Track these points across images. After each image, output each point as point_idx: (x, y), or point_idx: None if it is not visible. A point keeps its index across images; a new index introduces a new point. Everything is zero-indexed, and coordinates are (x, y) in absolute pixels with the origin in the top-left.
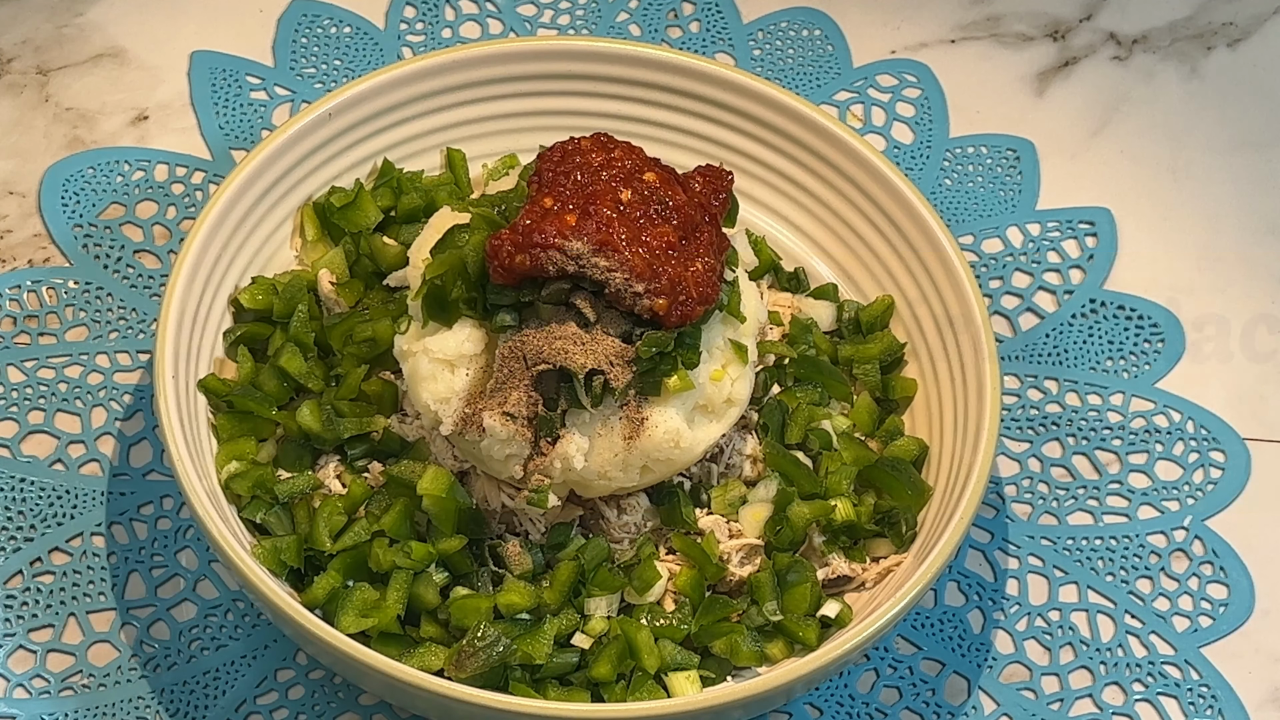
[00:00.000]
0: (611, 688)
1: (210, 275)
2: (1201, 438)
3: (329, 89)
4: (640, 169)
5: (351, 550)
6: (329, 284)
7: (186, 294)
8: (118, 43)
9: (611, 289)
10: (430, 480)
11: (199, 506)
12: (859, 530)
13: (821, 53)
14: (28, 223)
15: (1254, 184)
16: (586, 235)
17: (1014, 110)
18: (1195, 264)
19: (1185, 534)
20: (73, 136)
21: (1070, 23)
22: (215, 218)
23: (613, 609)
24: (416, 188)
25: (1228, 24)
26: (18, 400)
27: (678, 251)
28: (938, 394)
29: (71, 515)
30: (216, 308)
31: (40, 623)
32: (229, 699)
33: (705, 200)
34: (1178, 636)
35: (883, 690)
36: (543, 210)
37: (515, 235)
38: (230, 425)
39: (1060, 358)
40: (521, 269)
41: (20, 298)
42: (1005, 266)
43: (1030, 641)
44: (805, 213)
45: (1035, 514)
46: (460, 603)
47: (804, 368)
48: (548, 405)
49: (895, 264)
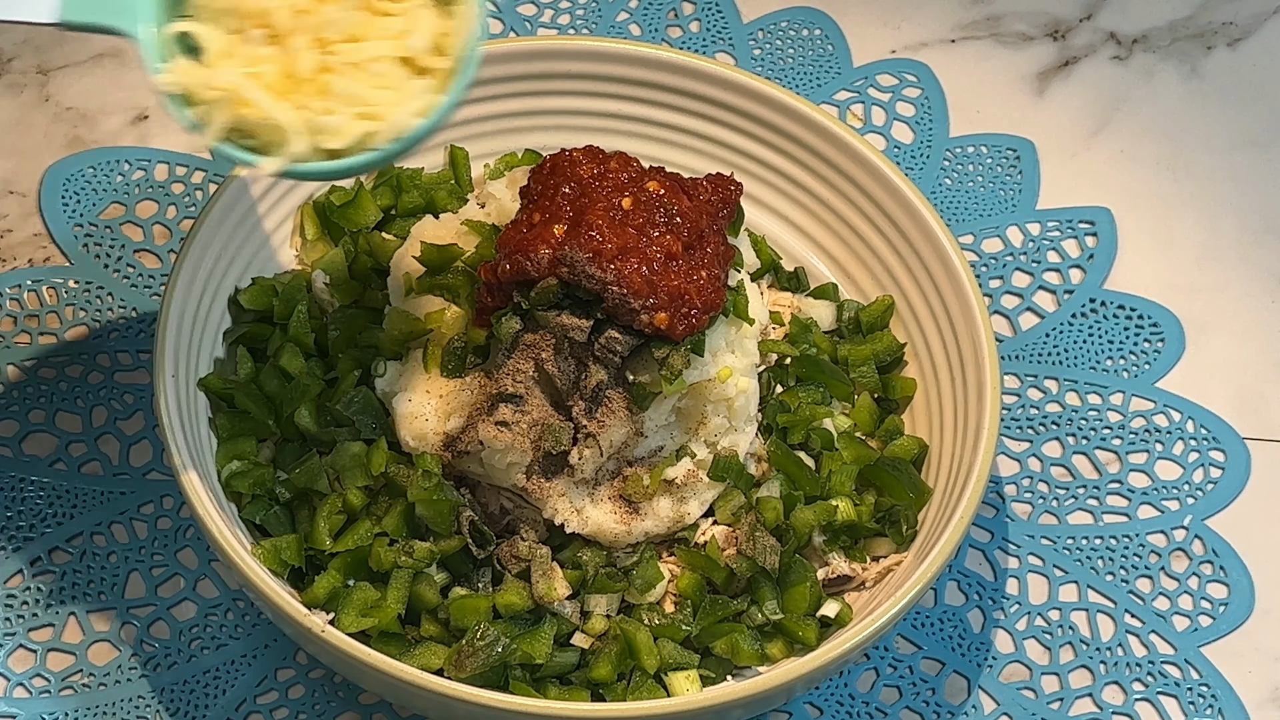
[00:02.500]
0: (611, 687)
1: (210, 275)
2: (1201, 437)
3: None
4: (641, 178)
5: (352, 549)
6: (323, 284)
7: (186, 294)
8: (118, 42)
9: (609, 302)
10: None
11: (199, 506)
12: (860, 530)
13: (821, 52)
14: (28, 222)
15: (1254, 183)
16: (575, 248)
17: (1014, 110)
18: (1195, 263)
19: (1185, 533)
20: (73, 136)
21: (1070, 22)
22: (215, 218)
23: (613, 609)
24: (416, 185)
25: (1228, 24)
26: (18, 399)
27: (681, 261)
28: (938, 394)
29: (71, 514)
30: (216, 308)
31: (40, 622)
32: (229, 698)
33: (714, 209)
34: (1178, 636)
35: (883, 689)
36: (530, 224)
37: (501, 248)
38: (230, 425)
39: (1060, 357)
40: (505, 276)
41: (20, 297)
42: (1005, 266)
43: (1030, 641)
44: (805, 212)
45: (1035, 513)
46: (459, 602)
47: (805, 367)
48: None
49: (895, 264)
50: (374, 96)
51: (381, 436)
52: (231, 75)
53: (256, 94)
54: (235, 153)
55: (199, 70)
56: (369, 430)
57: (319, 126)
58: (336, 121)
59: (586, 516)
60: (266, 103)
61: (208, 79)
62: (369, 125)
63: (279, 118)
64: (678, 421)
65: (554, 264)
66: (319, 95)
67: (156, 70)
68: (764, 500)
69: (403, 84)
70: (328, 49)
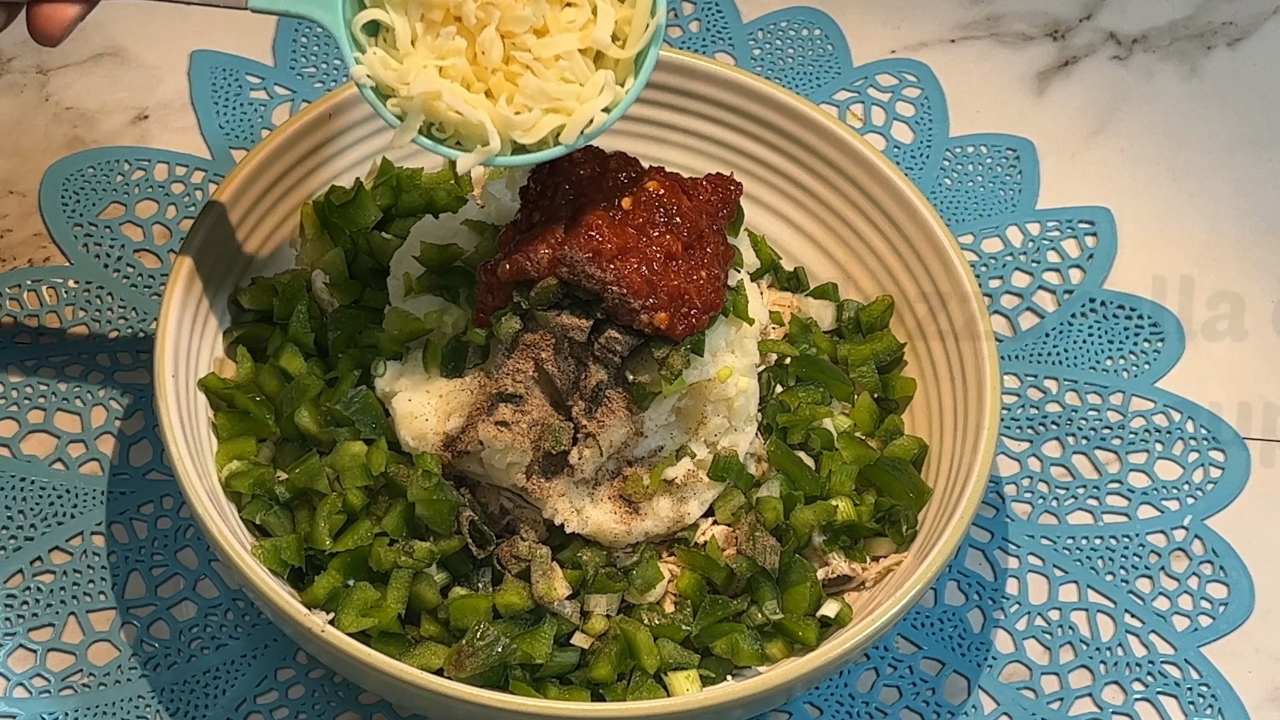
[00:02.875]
0: (611, 687)
1: (210, 275)
2: (1201, 437)
3: (329, 89)
4: (641, 178)
5: (352, 549)
6: (322, 284)
7: (186, 294)
8: (118, 42)
9: (609, 302)
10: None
11: (199, 506)
12: (860, 530)
13: (821, 52)
14: (28, 222)
15: (1254, 183)
16: (575, 248)
17: (1014, 110)
18: (1195, 263)
19: (1185, 533)
20: (73, 136)
21: (1070, 22)
22: (215, 217)
23: (613, 609)
24: (416, 185)
25: (1228, 24)
26: (18, 399)
27: (681, 261)
28: (937, 394)
29: (71, 514)
30: (216, 308)
31: (40, 622)
32: (229, 698)
33: (714, 209)
34: (1178, 636)
35: (883, 689)
36: (530, 224)
37: (501, 248)
38: (230, 424)
39: (1060, 357)
40: (505, 276)
41: (20, 297)
42: (1005, 266)
43: (1030, 641)
44: (805, 212)
45: (1035, 513)
46: (459, 602)
47: (805, 367)
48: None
49: (895, 264)
50: (561, 91)
51: (381, 436)
52: (429, 77)
53: (455, 97)
54: (436, 147)
55: (393, 65)
56: (369, 430)
57: (513, 124)
58: (529, 119)
59: (586, 516)
60: (464, 105)
61: (402, 75)
62: (558, 119)
63: (478, 118)
64: (678, 421)
65: (554, 264)
66: (506, 85)
67: (353, 62)
68: (764, 500)
69: (586, 76)
70: (513, 40)
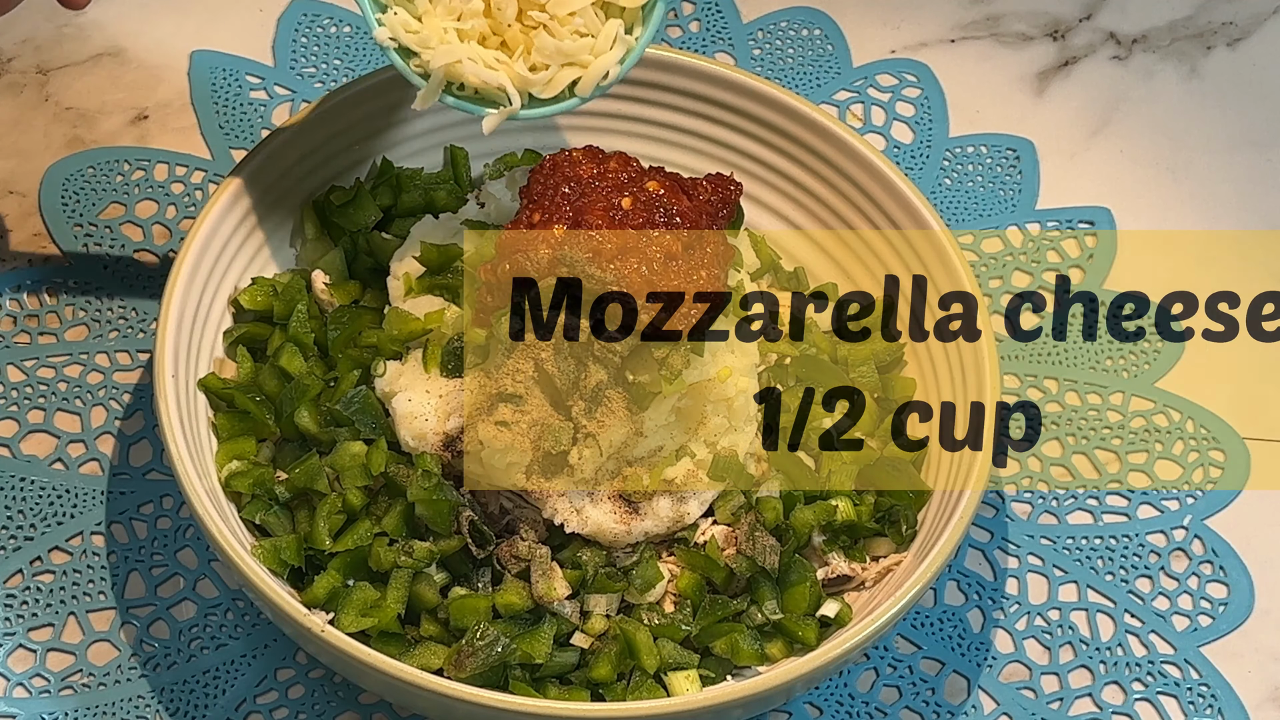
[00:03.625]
0: (611, 687)
1: (210, 275)
2: (1201, 437)
3: (329, 89)
4: (641, 177)
5: (352, 549)
6: (323, 284)
7: (186, 294)
8: (118, 42)
9: (609, 302)
10: (417, 487)
11: (199, 506)
12: (859, 530)
13: (821, 52)
14: (28, 222)
15: (1253, 183)
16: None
17: (1014, 110)
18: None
19: (1185, 533)
20: (73, 136)
21: (1070, 22)
22: (215, 218)
23: (612, 609)
24: (416, 185)
25: (1228, 24)
26: (17, 399)
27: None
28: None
29: (71, 514)
30: (216, 308)
31: (40, 622)
32: (229, 698)
33: (714, 209)
34: (1177, 636)
35: (883, 689)
36: (530, 224)
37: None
38: (230, 424)
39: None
40: (505, 276)
41: (20, 297)
42: (1005, 266)
43: (1030, 640)
44: (805, 213)
45: (1035, 513)
46: (459, 602)
47: (805, 367)
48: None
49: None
50: (576, 48)
51: (381, 436)
52: (449, 48)
53: (473, 63)
54: (461, 104)
55: (414, 25)
56: (369, 430)
57: (531, 83)
58: (546, 76)
59: (586, 516)
60: (485, 73)
61: (424, 39)
62: (574, 72)
63: (497, 81)
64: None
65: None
66: (522, 37)
67: (375, 24)
68: (764, 500)
69: (598, 27)
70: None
